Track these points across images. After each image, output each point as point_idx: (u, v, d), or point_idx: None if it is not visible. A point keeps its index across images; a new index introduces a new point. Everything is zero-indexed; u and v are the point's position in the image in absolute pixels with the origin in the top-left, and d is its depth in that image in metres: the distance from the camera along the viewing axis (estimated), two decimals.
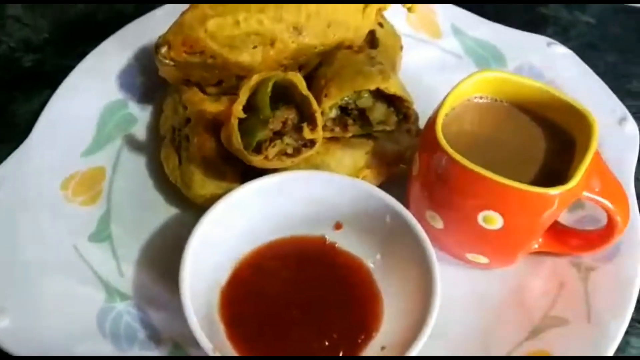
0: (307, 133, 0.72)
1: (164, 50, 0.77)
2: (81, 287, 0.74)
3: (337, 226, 0.77)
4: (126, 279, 0.76)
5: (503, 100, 0.74)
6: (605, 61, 0.97)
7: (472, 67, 0.92)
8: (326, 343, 0.69)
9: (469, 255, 0.76)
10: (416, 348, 0.66)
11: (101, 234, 0.79)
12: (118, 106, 0.88)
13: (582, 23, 1.02)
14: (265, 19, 0.76)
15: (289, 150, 0.73)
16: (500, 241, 0.72)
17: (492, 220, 0.69)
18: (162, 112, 0.85)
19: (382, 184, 0.79)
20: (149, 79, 0.88)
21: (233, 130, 0.71)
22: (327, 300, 0.73)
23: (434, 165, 0.70)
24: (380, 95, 0.76)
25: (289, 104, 0.73)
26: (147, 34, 0.89)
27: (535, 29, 0.96)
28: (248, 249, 0.76)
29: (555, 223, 0.73)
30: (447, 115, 0.72)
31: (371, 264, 0.75)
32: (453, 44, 0.95)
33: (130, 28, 0.92)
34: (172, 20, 0.78)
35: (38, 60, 0.96)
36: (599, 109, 0.75)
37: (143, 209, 0.81)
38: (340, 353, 0.69)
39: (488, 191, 0.67)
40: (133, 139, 0.86)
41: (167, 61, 0.78)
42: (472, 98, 0.74)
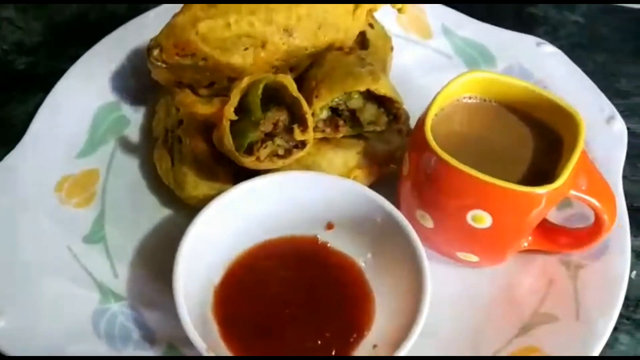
0: (298, 134, 0.73)
1: (156, 52, 0.78)
2: (76, 288, 0.75)
3: (329, 226, 0.77)
4: (120, 280, 0.76)
5: (492, 100, 0.75)
6: (594, 60, 0.97)
7: (462, 67, 0.92)
8: (319, 342, 0.70)
9: (459, 254, 0.76)
10: (407, 345, 0.66)
11: (95, 236, 0.79)
12: (111, 108, 0.88)
13: (571, 23, 1.03)
14: (256, 21, 0.76)
15: (280, 151, 0.73)
16: (489, 240, 0.73)
17: (481, 219, 0.69)
18: (155, 114, 0.86)
19: (373, 184, 0.79)
20: (142, 81, 0.88)
21: (225, 131, 0.71)
22: (320, 299, 0.73)
23: (424, 165, 0.70)
24: (370, 96, 0.76)
25: (280, 106, 0.73)
26: (139, 37, 0.89)
27: (524, 29, 0.97)
28: (241, 249, 0.76)
29: (544, 221, 0.74)
30: (437, 115, 0.72)
31: (363, 264, 0.76)
32: (443, 44, 0.95)
33: (122, 31, 0.93)
34: (164, 22, 0.78)
35: (31, 62, 0.96)
36: (588, 108, 0.75)
37: (137, 211, 0.81)
38: (332, 351, 0.70)
39: (476, 190, 0.68)
40: (126, 141, 0.87)
41: (159, 63, 0.78)
42: (461, 98, 0.75)
